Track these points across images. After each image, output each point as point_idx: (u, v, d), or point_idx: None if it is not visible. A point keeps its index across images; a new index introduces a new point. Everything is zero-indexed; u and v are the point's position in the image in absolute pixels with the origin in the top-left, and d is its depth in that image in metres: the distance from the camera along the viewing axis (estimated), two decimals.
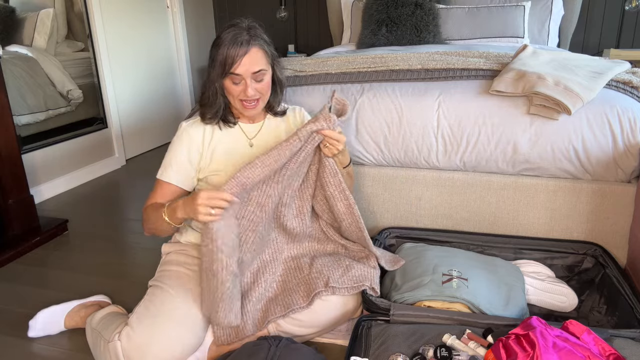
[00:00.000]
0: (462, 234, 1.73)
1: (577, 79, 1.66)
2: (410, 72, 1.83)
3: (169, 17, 3.84)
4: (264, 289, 1.39)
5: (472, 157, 1.72)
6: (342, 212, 1.43)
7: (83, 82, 3.01)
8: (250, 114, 1.42)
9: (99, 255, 2.05)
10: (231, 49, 1.31)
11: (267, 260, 1.45)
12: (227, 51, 1.31)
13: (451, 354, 1.12)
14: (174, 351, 1.21)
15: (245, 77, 1.34)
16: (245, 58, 1.32)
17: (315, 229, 1.55)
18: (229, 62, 1.32)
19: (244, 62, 1.32)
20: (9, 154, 2.07)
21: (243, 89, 1.36)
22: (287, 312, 1.33)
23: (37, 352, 1.44)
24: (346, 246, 1.52)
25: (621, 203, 1.62)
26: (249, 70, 1.33)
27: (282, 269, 1.45)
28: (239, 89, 1.36)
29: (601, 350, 1.04)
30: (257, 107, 1.41)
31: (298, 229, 1.48)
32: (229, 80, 1.36)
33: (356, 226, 1.44)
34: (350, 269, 1.40)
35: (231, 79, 1.35)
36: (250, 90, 1.35)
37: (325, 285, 1.34)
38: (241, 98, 1.37)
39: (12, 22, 2.55)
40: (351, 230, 1.46)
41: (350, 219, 1.44)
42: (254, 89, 1.36)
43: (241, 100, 1.38)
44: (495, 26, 2.97)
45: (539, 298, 1.50)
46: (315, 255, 1.49)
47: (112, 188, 2.91)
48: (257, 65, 1.34)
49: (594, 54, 3.48)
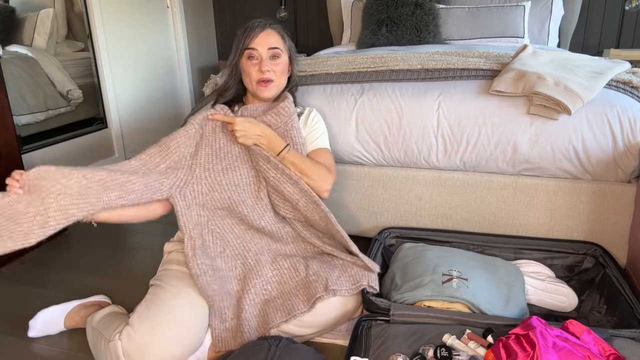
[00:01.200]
0: (462, 234, 1.73)
1: (577, 79, 1.66)
2: (410, 72, 1.83)
3: (169, 17, 3.84)
4: (255, 293, 1.38)
5: (472, 157, 1.72)
6: (292, 193, 1.43)
7: (83, 82, 3.01)
8: (265, 95, 1.47)
9: (99, 255, 2.05)
10: (249, 28, 1.45)
11: (251, 264, 1.44)
12: (245, 30, 1.45)
13: (451, 354, 1.12)
14: (175, 351, 1.21)
15: (261, 52, 1.43)
16: (262, 34, 1.44)
17: (293, 228, 1.53)
18: (247, 38, 1.44)
19: (261, 37, 1.44)
20: (9, 154, 2.07)
21: (259, 67, 1.44)
22: (289, 318, 1.32)
23: (37, 352, 1.44)
24: (332, 253, 1.47)
25: (621, 203, 1.62)
26: (265, 44, 1.43)
27: (274, 270, 1.43)
28: (256, 68, 1.44)
29: (601, 350, 1.04)
30: (271, 89, 1.46)
31: (269, 227, 1.47)
32: (246, 58, 1.45)
33: (313, 203, 1.42)
34: (346, 268, 1.40)
35: (248, 54, 1.44)
36: (265, 64, 1.43)
37: (325, 288, 1.34)
38: (257, 79, 1.44)
39: (12, 22, 2.55)
40: (312, 214, 1.45)
41: (305, 198, 1.43)
42: (269, 66, 1.44)
43: (257, 81, 1.45)
44: (495, 26, 2.97)
45: (539, 298, 1.50)
46: (307, 256, 1.48)
47: None
48: (274, 42, 1.45)
49: (594, 54, 3.48)
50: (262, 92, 1.47)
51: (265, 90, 1.46)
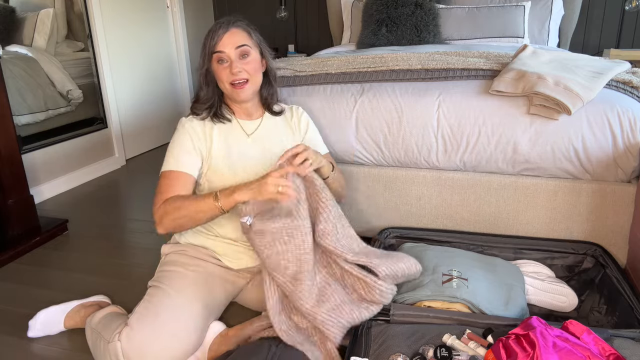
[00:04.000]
0: (462, 234, 1.73)
1: (577, 79, 1.66)
2: (410, 72, 1.83)
3: (169, 17, 3.84)
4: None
5: (472, 157, 1.72)
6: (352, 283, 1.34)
7: (83, 82, 3.01)
8: (241, 97, 1.42)
9: (99, 255, 2.05)
10: (212, 31, 1.40)
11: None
12: (209, 34, 1.40)
13: (451, 354, 1.12)
14: (174, 351, 1.21)
15: (229, 54, 1.38)
16: (226, 35, 1.38)
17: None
18: (212, 42, 1.39)
19: (226, 37, 1.38)
20: (9, 154, 2.07)
21: (230, 70, 1.39)
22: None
23: (37, 352, 1.44)
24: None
25: (621, 203, 1.62)
26: (232, 44, 1.38)
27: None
28: (227, 71, 1.39)
29: (601, 350, 1.04)
30: (247, 90, 1.42)
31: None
32: (216, 62, 1.40)
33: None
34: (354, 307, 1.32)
35: (217, 58, 1.39)
36: (236, 65, 1.38)
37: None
38: (230, 81, 1.40)
39: (12, 22, 2.55)
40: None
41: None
42: (240, 67, 1.39)
43: (231, 84, 1.40)
44: (495, 26, 2.97)
45: (539, 298, 1.49)
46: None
47: (112, 188, 2.91)
48: (239, 40, 1.39)
49: (594, 54, 3.48)
50: (238, 95, 1.41)
51: (241, 92, 1.41)
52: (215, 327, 1.38)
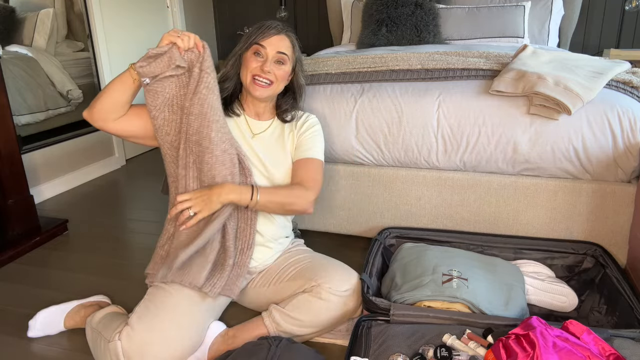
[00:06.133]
0: (462, 234, 1.73)
1: (577, 79, 1.66)
2: (410, 72, 1.83)
3: (169, 17, 3.84)
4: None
5: (472, 157, 1.72)
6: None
7: (83, 82, 3.01)
8: (256, 94, 1.42)
9: (99, 255, 2.05)
10: (265, 26, 1.41)
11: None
12: (261, 27, 1.42)
13: (451, 354, 1.12)
14: (174, 351, 1.21)
15: (269, 53, 1.40)
16: (276, 37, 1.41)
17: None
18: (260, 34, 1.40)
19: (274, 38, 1.41)
20: (9, 154, 2.07)
21: (261, 64, 1.40)
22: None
23: (37, 352, 1.44)
24: None
25: (621, 203, 1.62)
26: (276, 47, 1.40)
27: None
28: (258, 64, 1.41)
29: (601, 350, 1.04)
30: (266, 91, 1.42)
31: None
32: (252, 52, 1.41)
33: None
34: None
35: (255, 50, 1.41)
36: (269, 66, 1.40)
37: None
38: (254, 74, 1.41)
39: (12, 22, 2.55)
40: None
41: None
42: (271, 69, 1.41)
43: (253, 76, 1.41)
44: (495, 26, 2.97)
45: (539, 298, 1.50)
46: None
47: (112, 188, 2.91)
48: (284, 47, 1.42)
49: (594, 54, 3.48)
50: (255, 90, 1.42)
51: (259, 89, 1.41)
52: (215, 327, 1.38)
